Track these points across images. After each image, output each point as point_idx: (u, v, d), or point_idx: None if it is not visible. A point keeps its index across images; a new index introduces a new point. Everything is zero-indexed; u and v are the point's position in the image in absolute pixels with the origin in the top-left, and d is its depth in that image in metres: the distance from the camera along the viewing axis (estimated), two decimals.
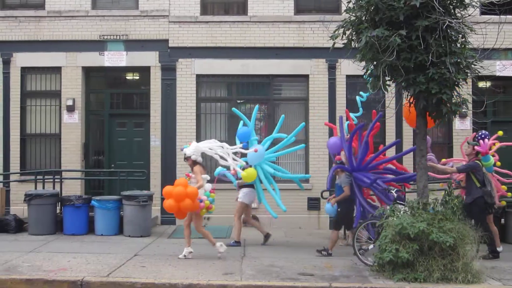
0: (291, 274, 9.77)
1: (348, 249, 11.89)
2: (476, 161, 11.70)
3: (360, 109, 13.36)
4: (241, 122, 13.16)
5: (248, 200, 12.83)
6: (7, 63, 16.30)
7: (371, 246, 10.72)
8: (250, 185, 12.68)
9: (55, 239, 12.99)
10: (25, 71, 16.47)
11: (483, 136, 12.06)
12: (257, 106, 13.93)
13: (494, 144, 12.85)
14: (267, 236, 12.78)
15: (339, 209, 11.85)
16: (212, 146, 11.42)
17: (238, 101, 16.45)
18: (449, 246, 9.19)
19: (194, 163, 11.18)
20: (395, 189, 11.59)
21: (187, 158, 11.28)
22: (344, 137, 12.34)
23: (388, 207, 10.45)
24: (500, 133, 13.25)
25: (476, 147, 11.74)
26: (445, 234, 9.21)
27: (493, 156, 12.41)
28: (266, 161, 12.83)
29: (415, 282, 9.18)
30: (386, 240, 9.53)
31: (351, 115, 13.20)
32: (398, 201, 10.92)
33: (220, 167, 12.86)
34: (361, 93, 13.33)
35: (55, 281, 9.06)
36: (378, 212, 10.60)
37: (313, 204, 15.72)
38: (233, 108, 13.60)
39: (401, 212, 10.00)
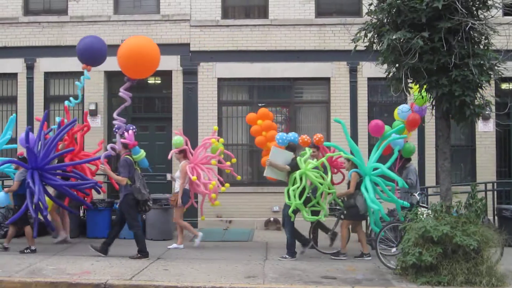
0: (314, 277, 9.75)
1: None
2: (127, 156, 11.53)
3: (80, 97, 13.16)
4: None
5: None
6: (30, 68, 16.51)
7: (393, 250, 10.66)
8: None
9: (78, 242, 13.09)
10: (48, 76, 16.67)
11: (129, 128, 11.99)
12: (14, 115, 13.93)
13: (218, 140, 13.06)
14: None
15: (16, 206, 11.88)
16: None
17: (260, 104, 16.45)
18: (473, 249, 9.11)
19: None
20: (418, 192, 11.52)
21: None
22: (42, 133, 12.05)
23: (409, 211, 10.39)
24: (215, 128, 13.50)
25: (122, 140, 11.58)
26: (469, 237, 9.12)
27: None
28: None
29: (438, 285, 9.12)
30: (409, 244, 9.46)
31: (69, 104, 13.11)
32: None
33: None
34: (76, 82, 12.92)
35: (79, 284, 9.12)
36: (401, 215, 10.53)
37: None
38: None
39: (424, 215, 9.94)
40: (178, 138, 12.76)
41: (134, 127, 12.33)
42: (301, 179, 11.16)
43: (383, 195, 11.59)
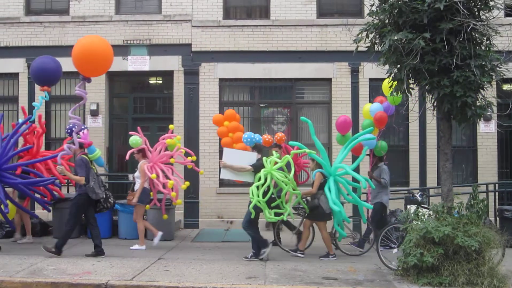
0: (315, 278, 9.74)
1: None
2: (83, 155, 11.57)
3: (34, 116, 12.81)
4: None
5: None
6: None
7: (395, 250, 10.65)
8: None
9: (80, 242, 13.09)
10: None
11: (83, 128, 11.97)
12: None
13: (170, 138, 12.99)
14: None
15: None
16: None
17: (261, 105, 16.47)
18: (475, 250, 9.09)
19: None
20: (419, 193, 11.49)
21: None
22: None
23: (412, 211, 10.37)
24: (171, 126, 13.31)
25: (78, 139, 11.50)
26: (471, 238, 9.10)
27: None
28: None
29: (440, 286, 9.09)
30: (410, 244, 9.45)
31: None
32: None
33: None
34: (45, 93, 12.42)
35: (79, 285, 9.11)
36: (402, 216, 10.53)
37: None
38: None
39: (426, 216, 9.93)
40: (134, 138, 12.73)
41: (86, 126, 12.34)
42: (266, 178, 11.10)
43: (348, 196, 11.63)
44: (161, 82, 17.23)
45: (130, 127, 16.65)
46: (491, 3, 9.97)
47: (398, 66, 10.19)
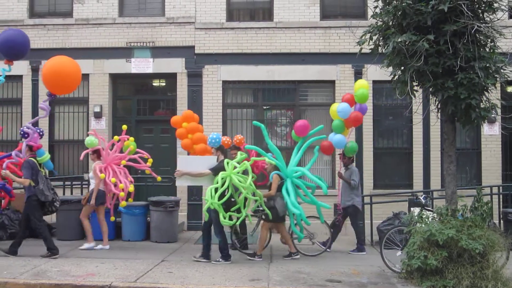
0: (318, 280, 9.72)
1: None
2: (30, 157, 11.57)
3: None
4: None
5: None
6: (35, 71, 16.52)
7: (398, 253, 10.63)
8: None
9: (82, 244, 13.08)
10: None
11: (39, 131, 11.99)
12: None
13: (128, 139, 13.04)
14: None
15: None
16: None
17: (264, 107, 16.45)
18: (479, 253, 9.07)
19: None
20: (423, 195, 11.46)
21: None
22: None
23: (416, 213, 10.35)
24: (124, 127, 13.17)
25: (27, 141, 11.51)
26: (475, 241, 9.08)
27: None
28: None
29: None
30: (414, 247, 9.44)
31: None
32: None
33: None
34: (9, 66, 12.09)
35: (83, 286, 9.12)
36: (406, 219, 10.50)
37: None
38: None
39: (430, 219, 9.91)
40: (89, 139, 12.77)
41: (41, 129, 12.36)
42: (224, 182, 10.92)
43: (305, 197, 11.68)
44: (164, 84, 17.21)
45: (134, 129, 16.64)
46: (495, 5, 9.96)
47: (402, 68, 10.19)
